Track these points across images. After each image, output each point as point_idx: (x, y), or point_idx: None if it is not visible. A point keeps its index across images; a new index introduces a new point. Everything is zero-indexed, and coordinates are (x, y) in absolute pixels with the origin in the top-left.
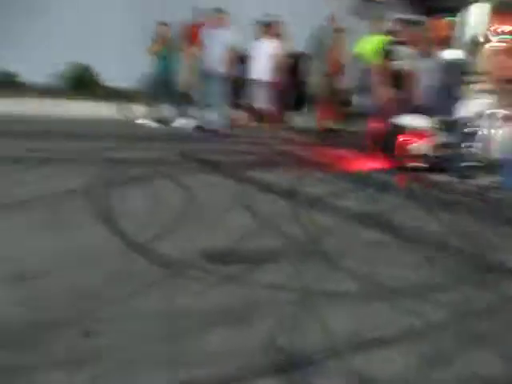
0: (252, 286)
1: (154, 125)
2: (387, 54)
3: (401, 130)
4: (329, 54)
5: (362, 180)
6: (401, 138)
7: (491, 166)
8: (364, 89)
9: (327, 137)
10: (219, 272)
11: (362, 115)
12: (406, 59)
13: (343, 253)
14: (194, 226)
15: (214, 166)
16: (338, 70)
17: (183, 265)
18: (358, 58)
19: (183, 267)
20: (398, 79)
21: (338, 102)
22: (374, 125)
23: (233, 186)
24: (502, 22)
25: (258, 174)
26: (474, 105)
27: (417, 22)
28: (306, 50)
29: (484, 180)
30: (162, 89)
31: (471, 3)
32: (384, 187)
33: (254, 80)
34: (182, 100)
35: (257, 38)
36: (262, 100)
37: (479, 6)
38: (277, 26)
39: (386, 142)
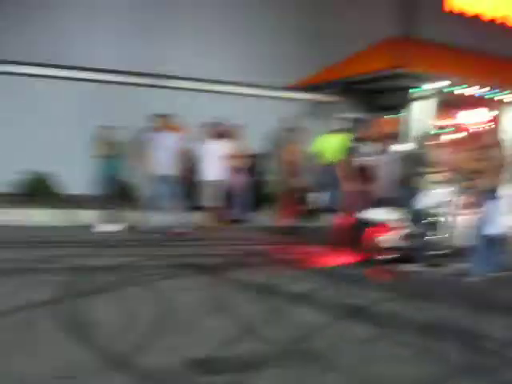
0: None
1: (109, 229)
2: (351, 151)
3: (368, 223)
4: (283, 154)
5: (337, 275)
6: (368, 232)
7: (457, 253)
8: (325, 186)
9: (289, 234)
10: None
11: (322, 211)
12: (368, 155)
13: (336, 351)
14: (173, 335)
15: (185, 269)
16: (293, 168)
17: (169, 379)
18: (316, 156)
19: (169, 382)
20: (362, 174)
21: (296, 200)
22: (340, 220)
23: (208, 288)
24: (444, 117)
25: (232, 275)
26: (433, 195)
27: (363, 120)
28: (262, 150)
29: (452, 268)
30: (108, 191)
31: (415, 100)
32: (359, 281)
33: (206, 181)
34: (119, 203)
35: (205, 140)
36: (215, 200)
37: (423, 103)
38: (225, 127)
39: (354, 236)
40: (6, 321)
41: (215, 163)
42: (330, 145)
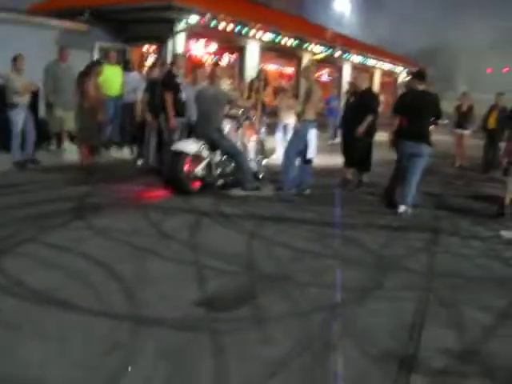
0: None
1: None
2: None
3: (180, 155)
4: (84, 88)
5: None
6: (182, 164)
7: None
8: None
9: (94, 172)
10: (237, 317)
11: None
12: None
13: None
14: (145, 282)
15: (50, 218)
16: (94, 103)
17: (191, 322)
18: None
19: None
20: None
21: (93, 135)
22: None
23: (105, 233)
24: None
25: (103, 218)
26: (227, 125)
27: (120, 49)
28: (42, 84)
29: (268, 188)
30: None
31: (177, 33)
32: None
33: None
34: None
35: None
36: None
37: (183, 35)
38: None
39: (169, 169)
40: None
41: None
42: (108, 76)
